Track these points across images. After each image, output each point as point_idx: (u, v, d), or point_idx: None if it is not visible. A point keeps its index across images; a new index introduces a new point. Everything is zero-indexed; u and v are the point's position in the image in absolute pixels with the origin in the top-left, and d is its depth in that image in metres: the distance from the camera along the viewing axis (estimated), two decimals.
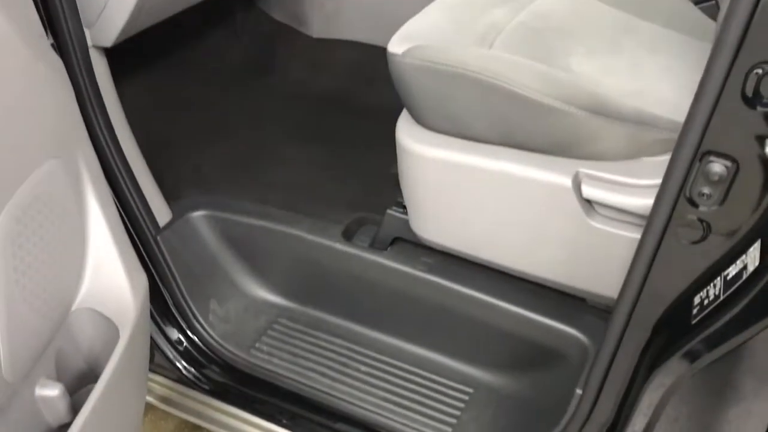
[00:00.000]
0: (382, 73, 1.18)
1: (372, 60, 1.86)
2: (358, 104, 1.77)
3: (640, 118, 1.03)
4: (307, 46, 1.94)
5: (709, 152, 0.78)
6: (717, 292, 0.82)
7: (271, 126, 1.70)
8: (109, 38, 1.24)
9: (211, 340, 1.38)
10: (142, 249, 1.34)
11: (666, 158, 0.84)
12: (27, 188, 0.92)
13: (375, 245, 1.34)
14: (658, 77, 1.14)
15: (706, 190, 0.79)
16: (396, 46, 1.15)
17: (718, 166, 0.77)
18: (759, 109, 0.73)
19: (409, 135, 1.18)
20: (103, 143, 1.25)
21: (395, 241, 1.34)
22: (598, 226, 1.04)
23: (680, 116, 0.83)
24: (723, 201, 0.79)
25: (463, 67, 1.06)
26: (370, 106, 1.70)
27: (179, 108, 1.72)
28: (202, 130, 1.67)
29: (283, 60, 1.92)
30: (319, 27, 1.93)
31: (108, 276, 1.07)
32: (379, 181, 1.42)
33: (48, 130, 0.99)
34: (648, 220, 0.86)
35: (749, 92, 0.73)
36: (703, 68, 0.76)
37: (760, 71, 0.71)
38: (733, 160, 0.76)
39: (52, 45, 1.19)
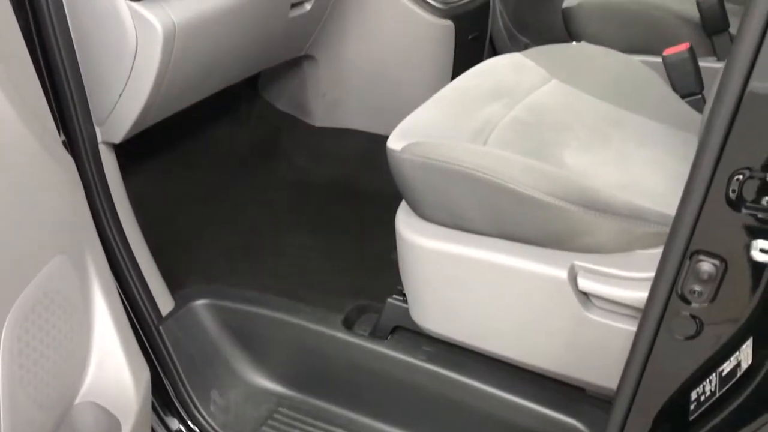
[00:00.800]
0: (382, 160, 1.22)
1: (372, 147, 1.92)
2: (358, 190, 1.82)
3: (632, 212, 1.06)
4: (310, 134, 2.00)
5: (698, 251, 0.80)
6: (713, 388, 0.83)
7: (274, 213, 1.74)
8: (119, 135, 1.29)
9: (212, 431, 1.38)
10: (144, 339, 1.35)
11: (658, 251, 0.86)
12: (35, 286, 0.94)
13: (376, 334, 1.35)
14: (648, 170, 1.18)
15: (697, 288, 0.81)
16: (395, 142, 1.19)
17: (707, 265, 0.80)
18: (743, 211, 0.76)
19: (408, 226, 1.21)
20: (110, 236, 1.28)
21: (396, 329, 1.35)
22: (595, 318, 1.06)
23: (670, 209, 0.86)
24: (714, 299, 0.81)
25: (458, 163, 1.10)
26: (371, 192, 1.74)
27: (184, 197, 1.77)
28: (206, 219, 1.71)
29: (287, 148, 1.98)
30: (321, 116, 2.00)
31: (111, 370, 1.08)
32: (379, 267, 1.44)
33: (57, 227, 1.03)
34: (642, 316, 0.88)
35: (733, 195, 0.76)
36: (691, 160, 0.79)
37: (741, 177, 0.74)
38: (722, 260, 0.79)
39: (64, 142, 1.24)
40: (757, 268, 0.77)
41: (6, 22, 0.96)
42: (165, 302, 1.39)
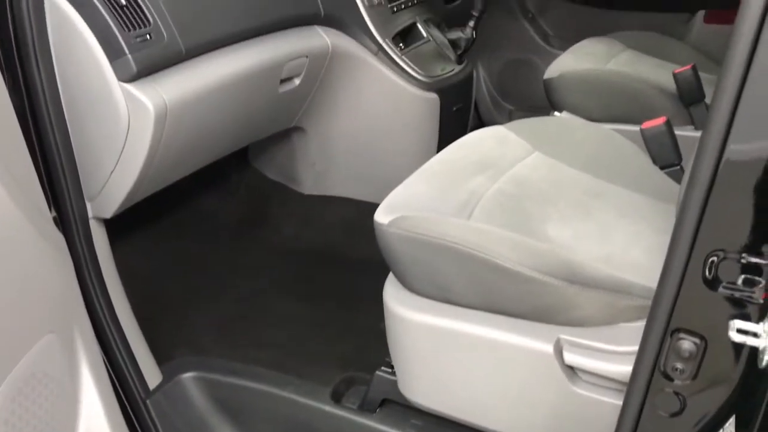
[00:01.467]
0: (370, 227, 1.24)
1: (361, 215, 1.95)
2: (347, 258, 1.83)
3: (615, 286, 1.08)
4: (300, 202, 2.03)
5: (679, 329, 0.82)
6: None
7: (263, 283, 1.75)
8: (110, 210, 1.31)
9: None
10: (132, 414, 1.34)
11: (642, 324, 0.88)
12: (23, 366, 0.94)
13: (364, 407, 1.35)
14: (629, 242, 1.20)
15: (679, 365, 0.83)
16: (382, 215, 1.22)
17: (687, 343, 0.81)
18: (720, 291, 0.78)
19: (396, 299, 1.22)
20: (99, 311, 1.29)
21: (385, 402, 1.35)
22: (582, 392, 1.06)
23: (652, 282, 0.88)
24: (695, 376, 0.82)
25: (445, 238, 1.12)
26: (359, 261, 1.76)
27: (173, 267, 1.78)
28: (195, 289, 1.72)
29: (276, 217, 2.00)
30: (310, 185, 2.03)
31: None
32: (368, 338, 1.45)
33: (47, 307, 1.03)
34: (626, 391, 0.89)
35: (709, 276, 0.78)
36: (670, 231, 0.81)
37: (716, 258, 0.77)
38: (702, 338, 0.80)
39: (54, 218, 1.26)
40: (736, 347, 0.78)
41: None
42: (152, 375, 1.39)
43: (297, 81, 1.65)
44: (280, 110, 1.72)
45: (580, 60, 2.06)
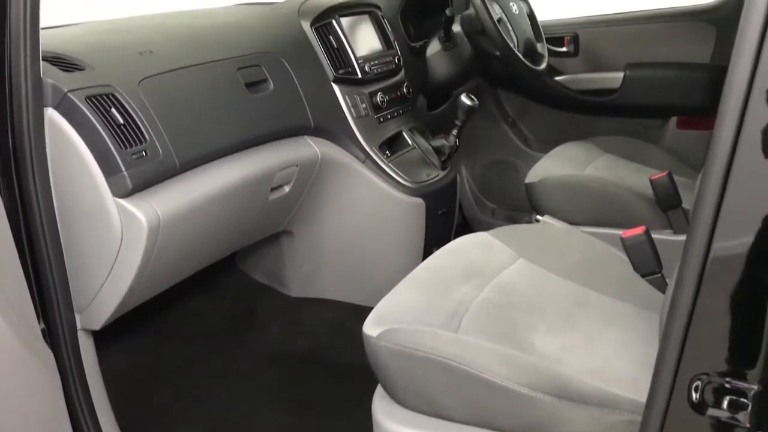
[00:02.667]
0: (358, 331, 1.25)
1: (349, 318, 1.96)
2: (335, 364, 1.82)
3: (603, 400, 1.09)
4: (287, 305, 2.03)
5: None
6: None
7: (250, 389, 1.73)
8: (99, 322, 1.31)
9: None
10: None
11: None
12: None
13: None
14: (616, 353, 1.22)
15: None
16: (371, 327, 1.23)
17: None
18: (707, 414, 0.79)
19: (385, 413, 1.21)
20: (83, 425, 1.26)
21: None
22: None
23: (641, 396, 0.89)
24: None
25: (434, 352, 1.13)
26: (347, 366, 1.76)
27: (158, 372, 1.76)
28: (179, 395, 1.69)
29: (263, 320, 2.00)
30: (298, 287, 2.04)
31: None
32: None
33: (32, 423, 1.02)
34: None
35: (696, 400, 0.79)
36: (656, 341, 0.82)
37: (699, 382, 0.78)
38: None
39: (43, 330, 1.26)
40: None
41: None
42: None
43: (287, 189, 1.69)
44: (270, 217, 1.75)
45: (559, 165, 2.13)
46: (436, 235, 1.95)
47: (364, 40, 1.94)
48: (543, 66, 2.17)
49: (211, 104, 1.46)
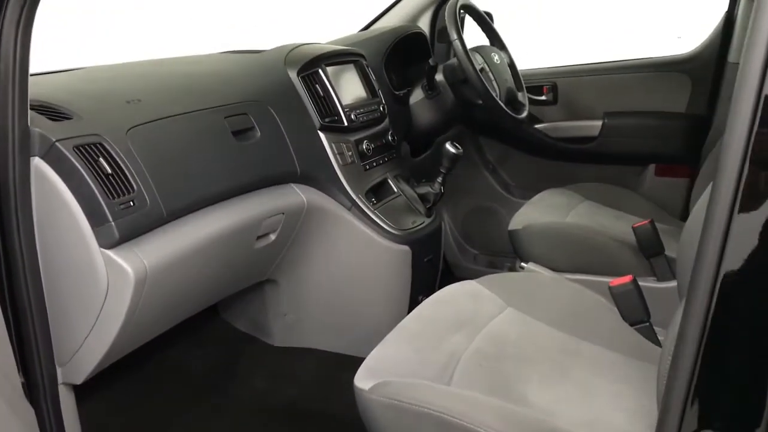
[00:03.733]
0: (343, 381, 1.22)
1: (333, 368, 1.93)
2: (319, 415, 1.78)
3: None
4: (270, 355, 2.00)
5: None
6: None
7: None
8: (81, 377, 1.27)
9: None
10: None
11: None
12: None
13: None
14: (609, 405, 1.21)
15: None
16: (362, 380, 1.21)
17: None
18: None
19: None
20: None
21: None
22: None
23: None
24: None
25: (428, 406, 1.11)
26: (333, 418, 1.72)
27: (139, 424, 1.70)
28: None
29: (246, 370, 1.96)
30: (281, 337, 2.01)
31: None
32: None
33: None
34: None
35: None
36: (649, 391, 0.81)
37: None
38: None
39: (23, 383, 1.21)
40: None
41: None
42: None
43: (273, 237, 1.68)
44: (256, 265, 1.73)
45: (542, 212, 2.15)
46: (422, 283, 1.94)
47: (349, 88, 1.96)
48: (524, 114, 2.20)
49: (199, 153, 1.45)
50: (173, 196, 1.34)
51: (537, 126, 2.60)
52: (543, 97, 2.58)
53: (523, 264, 2.00)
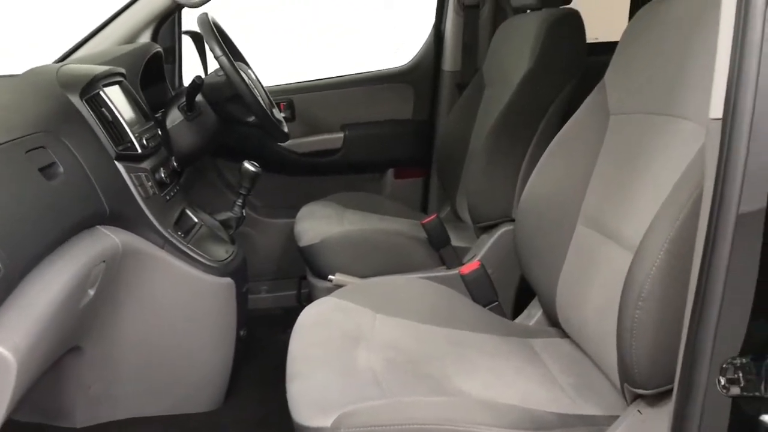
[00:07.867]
0: None
1: None
2: None
3: (564, 421, 1.15)
4: None
5: None
6: None
7: None
8: None
9: None
10: None
11: None
12: None
13: None
14: (521, 379, 1.29)
15: None
16: (316, 419, 1.09)
17: None
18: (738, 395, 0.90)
19: None
20: None
21: None
22: None
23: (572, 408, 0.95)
24: None
25: (415, 421, 1.06)
26: None
27: None
28: None
29: None
30: (84, 415, 1.64)
31: None
32: None
33: None
34: None
35: (724, 383, 0.90)
36: (536, 361, 0.87)
37: (729, 366, 0.90)
38: None
39: None
40: None
41: None
42: None
43: (92, 292, 1.38)
44: (72, 331, 1.39)
45: (324, 224, 2.15)
46: (242, 315, 1.79)
47: (127, 111, 1.70)
48: (287, 129, 2.19)
49: (11, 197, 1.12)
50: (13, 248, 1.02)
51: (280, 144, 2.58)
52: (282, 115, 2.57)
53: (330, 276, 1.97)
